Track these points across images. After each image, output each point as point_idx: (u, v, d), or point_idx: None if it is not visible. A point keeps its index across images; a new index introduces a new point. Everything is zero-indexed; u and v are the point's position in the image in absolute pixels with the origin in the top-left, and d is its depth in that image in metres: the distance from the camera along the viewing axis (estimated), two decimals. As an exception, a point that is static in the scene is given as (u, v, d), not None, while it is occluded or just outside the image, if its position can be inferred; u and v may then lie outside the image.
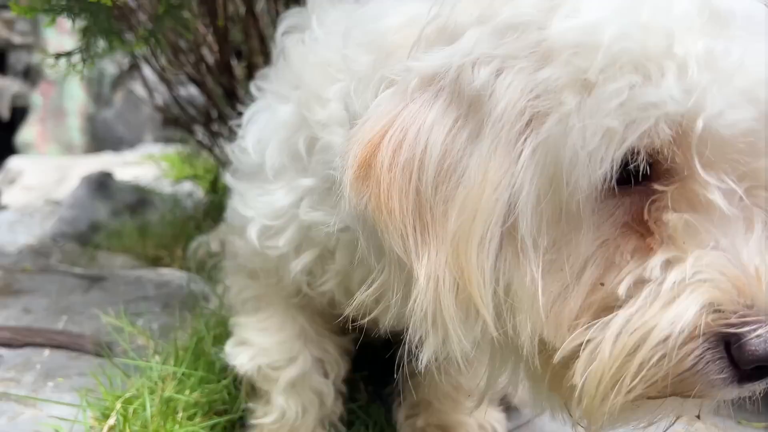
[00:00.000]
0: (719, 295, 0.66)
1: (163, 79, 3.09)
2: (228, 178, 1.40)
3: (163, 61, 2.71)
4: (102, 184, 4.09)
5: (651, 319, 0.68)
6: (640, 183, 0.73)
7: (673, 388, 0.70)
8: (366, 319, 0.96)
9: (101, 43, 2.27)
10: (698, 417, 0.81)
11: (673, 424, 0.81)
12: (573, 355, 0.75)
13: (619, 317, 0.70)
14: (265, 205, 1.25)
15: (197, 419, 1.52)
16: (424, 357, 0.82)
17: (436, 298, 0.78)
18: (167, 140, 10.38)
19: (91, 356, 1.86)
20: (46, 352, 1.86)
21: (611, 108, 0.68)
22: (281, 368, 1.42)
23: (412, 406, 1.63)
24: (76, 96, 9.53)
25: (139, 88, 10.38)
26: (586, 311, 0.74)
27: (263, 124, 1.32)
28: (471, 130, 0.79)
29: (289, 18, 1.39)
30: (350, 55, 1.07)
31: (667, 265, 0.70)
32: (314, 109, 1.15)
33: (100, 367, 1.68)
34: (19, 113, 8.89)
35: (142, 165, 5.44)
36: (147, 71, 3.39)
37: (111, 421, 1.45)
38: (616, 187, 0.72)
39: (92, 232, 3.74)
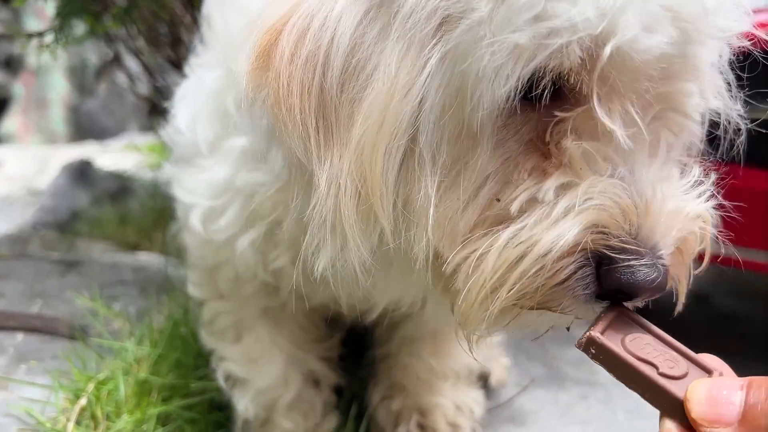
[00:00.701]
0: (605, 218, 0.67)
1: (146, 68, 3.06)
2: (168, 168, 1.31)
3: (141, 42, 2.67)
4: (82, 172, 4.06)
5: (536, 235, 0.68)
6: (547, 104, 0.70)
7: (543, 300, 0.71)
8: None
9: (76, 24, 2.23)
10: (568, 329, 0.81)
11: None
12: (461, 263, 0.74)
13: (507, 231, 0.70)
14: (205, 184, 1.16)
15: (173, 400, 1.50)
16: (320, 263, 0.79)
17: (336, 205, 0.75)
18: (153, 130, 10.35)
19: (65, 339, 1.84)
20: (20, 335, 1.83)
21: (523, 22, 0.65)
22: (278, 397, 1.43)
23: (386, 388, 1.62)
24: (58, 86, 9.44)
25: (123, 78, 10.34)
26: (481, 225, 0.73)
27: (193, 99, 1.24)
28: (382, 25, 0.73)
29: None
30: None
31: (561, 189, 0.70)
32: (241, 59, 1.02)
33: (74, 350, 1.65)
34: (0, 104, 8.78)
35: (124, 153, 5.40)
36: (130, 62, 3.36)
37: (82, 401, 1.43)
38: (519, 106, 0.70)
39: (73, 220, 3.70)
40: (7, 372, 1.66)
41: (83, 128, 9.89)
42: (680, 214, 0.70)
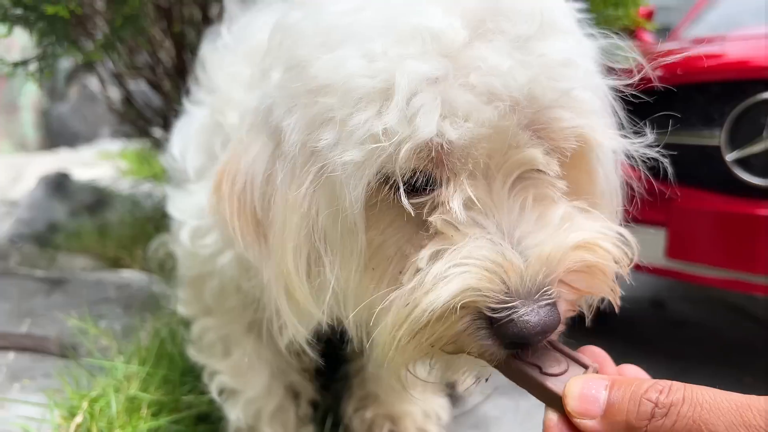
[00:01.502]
0: (473, 281, 0.75)
1: (117, 77, 3.12)
2: (166, 188, 1.52)
3: (120, 66, 2.76)
4: (60, 184, 4.11)
5: (415, 299, 0.79)
6: (420, 190, 0.82)
7: (455, 346, 0.82)
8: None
9: (58, 50, 2.31)
10: (486, 380, 0.95)
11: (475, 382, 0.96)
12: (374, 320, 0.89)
13: (400, 291, 0.82)
14: (192, 206, 1.36)
15: (162, 415, 1.61)
16: (284, 341, 1.03)
17: (278, 298, 0.95)
18: (125, 135, 10.29)
19: (55, 358, 1.93)
20: (11, 355, 1.92)
21: (355, 142, 0.79)
22: (263, 406, 1.57)
23: (360, 399, 1.75)
24: (29, 91, 9.35)
25: (94, 83, 10.26)
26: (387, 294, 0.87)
27: (185, 131, 1.46)
28: (278, 162, 0.92)
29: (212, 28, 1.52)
30: (238, 69, 1.25)
31: (432, 257, 0.80)
32: (227, 113, 1.26)
33: (66, 368, 1.75)
34: (-31, 109, 8.67)
35: (100, 164, 5.42)
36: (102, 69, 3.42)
37: (78, 419, 1.53)
38: (383, 199, 0.84)
39: (50, 233, 3.75)
40: (1, 391, 1.75)
41: (54, 133, 9.81)
42: (548, 253, 0.77)
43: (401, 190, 0.80)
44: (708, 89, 2.18)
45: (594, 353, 0.77)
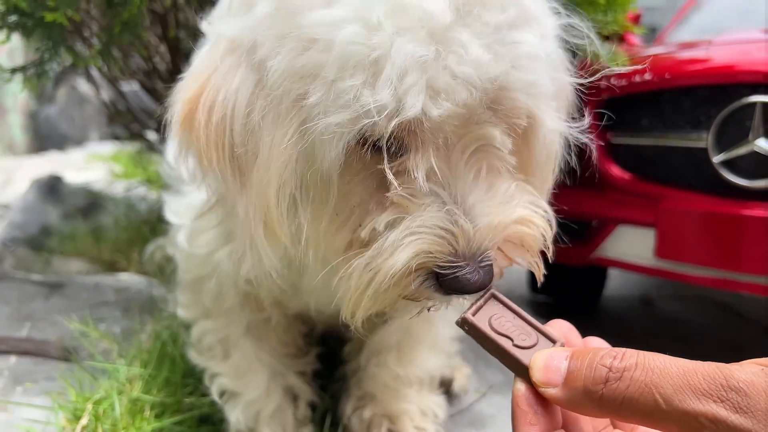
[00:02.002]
0: (426, 246, 0.86)
1: (111, 81, 3.14)
2: (163, 194, 1.57)
3: (115, 70, 2.77)
4: (52, 187, 4.11)
5: (378, 264, 0.88)
6: (391, 154, 0.89)
7: (411, 296, 0.93)
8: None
9: (55, 56, 2.33)
10: (428, 310, 1.01)
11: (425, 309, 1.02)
12: (340, 277, 0.96)
13: (362, 259, 0.91)
14: (187, 207, 1.40)
15: (165, 417, 1.64)
16: (244, 270, 1.11)
17: (251, 228, 0.99)
18: (114, 138, 10.25)
19: (56, 361, 1.95)
20: (13, 358, 1.94)
21: (340, 105, 0.85)
22: (263, 408, 1.60)
23: (358, 398, 1.78)
24: (16, 93, 9.28)
25: (83, 85, 10.20)
26: (353, 243, 0.96)
27: None
28: (262, 98, 0.94)
29: None
30: (209, 29, 1.23)
31: (389, 224, 0.89)
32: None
33: (68, 371, 1.77)
34: (-44, 112, 8.60)
35: (91, 166, 5.41)
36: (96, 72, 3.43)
37: (84, 421, 1.55)
38: (357, 158, 0.91)
39: (44, 237, 3.76)
40: (4, 394, 1.77)
41: (42, 135, 9.75)
42: (496, 224, 0.88)
43: (385, 159, 0.88)
44: (695, 93, 2.24)
45: (561, 327, 0.81)
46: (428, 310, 1.00)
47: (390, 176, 0.88)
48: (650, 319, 3.44)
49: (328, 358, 1.91)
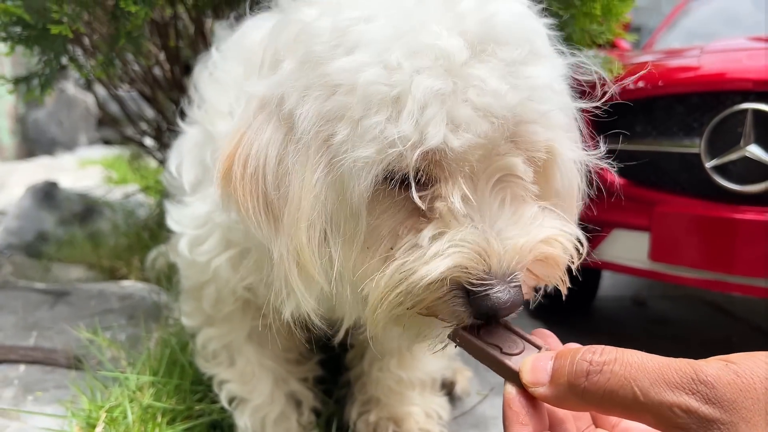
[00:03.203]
0: (464, 260, 0.89)
1: (106, 85, 3.14)
2: (165, 203, 1.61)
3: (115, 79, 2.79)
4: (48, 193, 4.10)
5: (412, 268, 0.92)
6: (420, 185, 0.94)
7: (431, 309, 0.95)
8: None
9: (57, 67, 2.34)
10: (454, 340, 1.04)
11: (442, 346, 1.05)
12: (367, 286, 1.00)
13: (394, 264, 0.94)
14: (189, 217, 1.46)
15: (177, 424, 1.67)
16: (287, 312, 1.10)
17: (286, 271, 1.03)
18: (104, 142, 10.20)
19: (64, 370, 1.97)
20: (22, 367, 1.96)
21: (367, 140, 0.91)
22: (268, 414, 1.65)
23: (363, 403, 1.83)
24: (4, 96, 9.20)
25: (71, 88, 10.14)
26: (384, 264, 0.98)
27: (180, 149, 1.56)
28: (292, 145, 1.01)
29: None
30: (227, 68, 1.35)
31: (434, 237, 0.92)
32: (215, 123, 1.36)
33: (79, 380, 1.80)
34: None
35: (85, 171, 5.39)
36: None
37: (98, 429, 1.58)
38: (386, 191, 0.96)
39: (40, 243, 3.76)
40: (15, 403, 1.79)
41: (30, 139, 9.68)
42: (522, 245, 0.91)
43: (413, 187, 0.92)
44: (688, 100, 2.30)
45: (544, 335, 0.89)
46: (438, 343, 1.03)
47: (417, 200, 0.93)
48: (642, 318, 3.50)
49: (332, 365, 1.95)
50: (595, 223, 2.59)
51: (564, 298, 1.04)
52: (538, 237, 0.94)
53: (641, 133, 2.43)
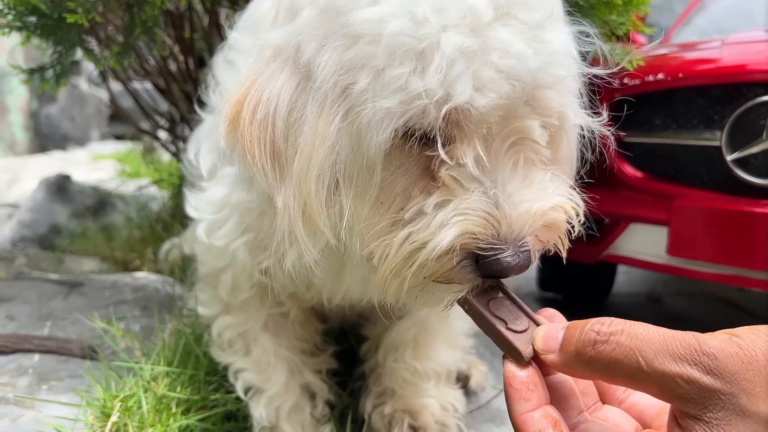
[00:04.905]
0: (471, 227, 0.89)
1: (121, 78, 3.15)
2: (184, 191, 1.60)
3: (130, 71, 2.79)
4: (61, 186, 4.11)
5: (423, 239, 0.92)
6: (425, 146, 0.94)
7: (444, 277, 0.95)
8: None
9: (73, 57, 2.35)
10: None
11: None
12: (375, 250, 1.00)
13: (404, 231, 0.95)
14: (206, 202, 1.46)
15: (192, 414, 1.66)
16: (287, 263, 1.10)
17: (290, 221, 1.02)
18: (116, 137, 10.25)
19: (78, 359, 1.97)
20: (36, 357, 1.95)
21: (390, 92, 0.89)
22: (283, 404, 1.63)
23: (378, 395, 1.81)
24: (17, 92, 9.27)
25: (83, 84, 10.20)
26: (394, 226, 0.98)
27: (198, 136, 1.57)
28: (306, 94, 0.99)
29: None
30: (239, 38, 1.34)
31: (439, 205, 0.92)
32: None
33: (93, 369, 1.79)
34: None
35: (98, 165, 5.41)
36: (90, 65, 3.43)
37: (114, 418, 1.58)
38: (401, 147, 0.94)
39: (53, 236, 3.77)
40: (30, 392, 1.78)
41: (43, 135, 9.75)
42: (534, 211, 0.92)
43: (438, 143, 0.91)
44: (708, 92, 2.26)
45: (550, 314, 0.88)
46: (450, 305, 1.02)
47: (444, 157, 0.91)
48: (657, 315, 3.47)
49: (346, 357, 1.93)
50: (612, 216, 2.60)
51: (564, 260, 1.05)
52: (549, 204, 0.94)
53: (660, 126, 2.40)
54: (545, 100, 0.94)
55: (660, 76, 2.33)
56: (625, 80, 2.39)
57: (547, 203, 0.94)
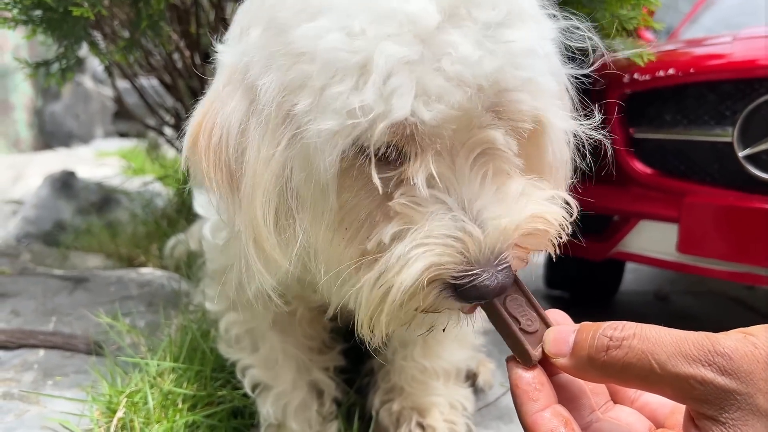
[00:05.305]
0: (436, 258, 0.83)
1: (126, 74, 3.14)
2: (192, 187, 1.56)
3: (136, 66, 2.78)
4: (65, 183, 4.11)
5: (389, 281, 0.86)
6: (391, 162, 0.88)
7: (430, 309, 0.90)
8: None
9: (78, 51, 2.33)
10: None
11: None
12: (348, 292, 0.95)
13: (371, 274, 0.89)
14: (210, 201, 1.41)
15: (198, 410, 1.64)
16: (251, 291, 1.04)
17: (246, 247, 0.99)
18: (120, 135, 10.25)
19: (84, 355, 1.95)
20: (41, 352, 1.94)
21: (331, 111, 0.84)
22: (290, 401, 1.61)
23: (386, 392, 1.79)
24: (21, 89, 9.28)
25: (88, 81, 10.20)
26: (362, 257, 0.92)
27: None
28: (253, 118, 0.95)
29: None
30: (224, 50, 1.29)
31: (394, 237, 0.87)
32: None
33: (98, 365, 1.78)
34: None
35: (101, 162, 5.40)
36: (94, 62, 3.43)
37: (120, 413, 1.56)
38: (356, 167, 0.88)
39: (58, 232, 3.77)
40: (35, 387, 1.77)
41: (47, 132, 9.76)
42: (504, 226, 0.85)
43: (372, 165, 0.86)
44: (720, 87, 2.24)
45: (557, 316, 0.87)
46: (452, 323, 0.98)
47: (376, 181, 0.86)
48: (665, 313, 3.44)
49: (353, 354, 1.91)
50: (622, 213, 2.57)
51: (554, 259, 0.99)
52: (524, 215, 0.88)
53: (671, 122, 2.38)
54: (514, 104, 0.87)
55: (671, 71, 2.31)
56: (635, 75, 2.36)
57: (520, 215, 0.88)
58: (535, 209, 0.90)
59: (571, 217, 0.97)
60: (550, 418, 0.75)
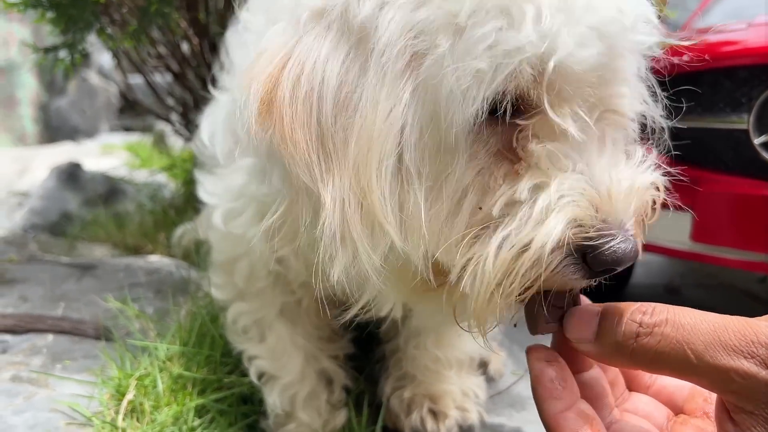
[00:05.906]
0: (580, 212, 0.76)
1: (134, 63, 3.12)
2: (196, 173, 1.53)
3: (144, 54, 2.76)
4: (72, 174, 4.10)
5: (526, 236, 0.77)
6: (511, 117, 0.80)
7: (548, 283, 0.80)
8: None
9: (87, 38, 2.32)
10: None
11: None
12: (462, 271, 0.83)
13: (497, 235, 0.79)
14: (224, 189, 1.37)
15: (207, 394, 1.62)
16: (335, 272, 0.86)
17: (343, 219, 0.83)
18: (125, 129, 10.26)
19: (92, 340, 1.94)
20: (50, 337, 1.93)
21: (480, 51, 0.75)
22: (298, 392, 1.59)
23: (398, 379, 1.77)
24: (27, 84, 9.28)
25: (93, 77, 10.20)
26: (470, 232, 0.82)
27: (212, 117, 1.45)
28: (361, 63, 0.83)
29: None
30: (251, 19, 1.18)
31: (535, 189, 0.79)
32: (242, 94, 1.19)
33: (107, 349, 1.76)
34: (-33, 103, 8.61)
35: (108, 155, 5.40)
36: (100, 58, 3.43)
37: (129, 396, 1.55)
38: (486, 122, 0.80)
39: (64, 223, 3.76)
40: (44, 371, 1.75)
41: (53, 127, 9.76)
42: (634, 190, 0.80)
43: (507, 115, 0.79)
44: (735, 74, 2.21)
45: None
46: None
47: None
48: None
49: (363, 341, 1.89)
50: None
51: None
52: (648, 181, 0.83)
53: (685, 109, 2.34)
54: (623, 70, 0.84)
55: (685, 58, 2.28)
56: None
57: (646, 181, 0.82)
58: (653, 178, 0.86)
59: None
60: (575, 418, 0.72)
